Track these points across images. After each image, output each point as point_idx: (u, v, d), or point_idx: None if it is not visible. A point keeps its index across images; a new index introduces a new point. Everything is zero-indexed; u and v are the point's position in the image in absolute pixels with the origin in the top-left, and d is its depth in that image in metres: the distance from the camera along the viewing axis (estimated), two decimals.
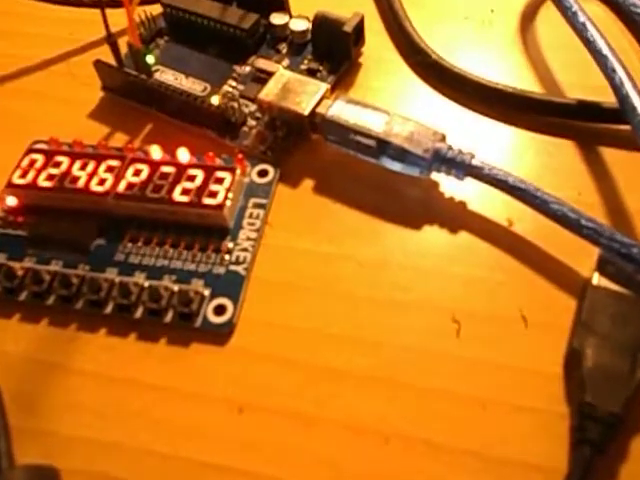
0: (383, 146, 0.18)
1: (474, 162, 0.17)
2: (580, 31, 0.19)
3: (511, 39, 0.23)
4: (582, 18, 0.20)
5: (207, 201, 0.18)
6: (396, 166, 0.19)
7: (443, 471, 0.14)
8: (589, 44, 0.19)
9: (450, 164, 0.18)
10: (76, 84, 0.24)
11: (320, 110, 0.19)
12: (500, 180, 0.17)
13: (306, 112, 0.19)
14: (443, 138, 0.18)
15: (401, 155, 0.18)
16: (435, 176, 0.19)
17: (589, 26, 0.19)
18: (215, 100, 0.22)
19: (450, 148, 0.18)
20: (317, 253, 0.18)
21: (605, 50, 0.18)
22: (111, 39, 0.20)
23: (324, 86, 0.20)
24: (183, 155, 0.19)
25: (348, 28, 0.21)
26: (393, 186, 0.19)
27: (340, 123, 0.19)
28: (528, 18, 0.23)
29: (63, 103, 0.23)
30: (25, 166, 0.20)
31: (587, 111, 0.20)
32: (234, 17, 0.23)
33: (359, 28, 0.22)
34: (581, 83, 0.21)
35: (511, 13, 0.24)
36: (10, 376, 0.17)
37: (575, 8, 0.20)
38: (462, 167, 0.18)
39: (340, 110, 0.19)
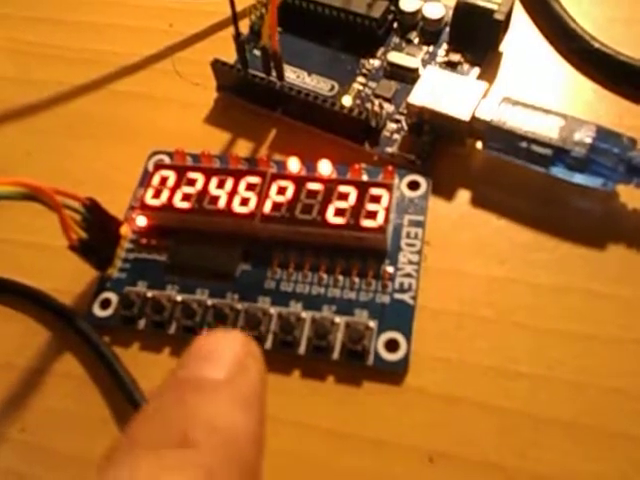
0: (560, 155, 0.16)
1: None
2: None
3: None
4: None
5: (366, 223, 0.16)
6: (573, 177, 0.17)
7: None
8: None
9: None
10: (185, 84, 0.22)
11: (483, 116, 0.17)
12: None
13: (467, 118, 0.17)
14: (634, 144, 0.16)
15: (582, 165, 0.16)
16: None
17: None
18: (347, 101, 0.20)
19: None
20: (488, 277, 0.16)
21: None
22: (240, 38, 0.18)
23: (482, 85, 0.18)
24: (325, 168, 0.18)
25: (500, 15, 0.19)
26: (563, 198, 0.17)
27: (509, 130, 0.17)
28: None
29: (174, 106, 0.21)
30: (156, 184, 0.18)
31: None
32: (360, 5, 0.20)
33: (509, 14, 0.19)
34: None
35: None
36: None
37: None
38: None
39: (507, 115, 0.17)
